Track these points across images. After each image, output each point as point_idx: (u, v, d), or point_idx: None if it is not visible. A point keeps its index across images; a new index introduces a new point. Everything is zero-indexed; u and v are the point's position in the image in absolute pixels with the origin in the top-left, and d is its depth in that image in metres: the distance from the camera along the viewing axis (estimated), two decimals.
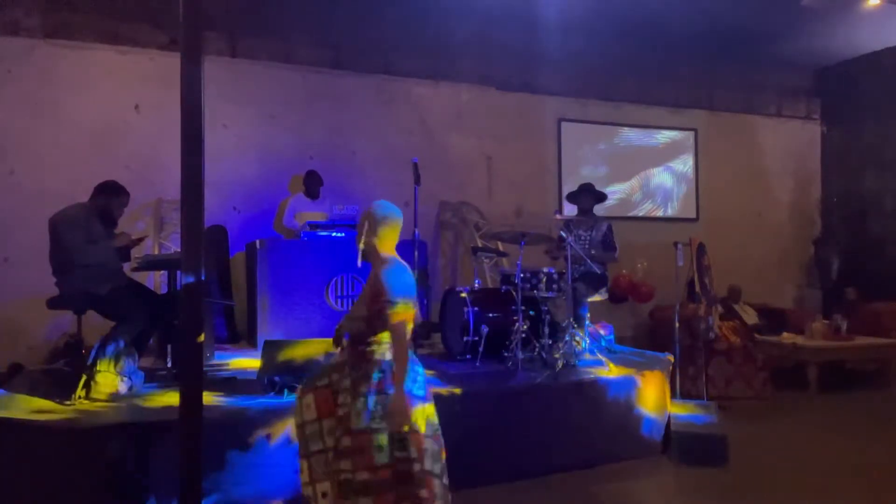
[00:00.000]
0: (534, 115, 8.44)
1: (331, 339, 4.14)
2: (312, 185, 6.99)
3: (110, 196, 4.61)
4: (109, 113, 6.62)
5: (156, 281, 6.34)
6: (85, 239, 4.41)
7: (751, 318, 7.97)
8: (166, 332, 4.87)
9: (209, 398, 3.70)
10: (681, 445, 4.74)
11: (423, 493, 2.68)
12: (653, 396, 4.87)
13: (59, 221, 4.46)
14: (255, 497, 3.63)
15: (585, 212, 6.22)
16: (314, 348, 4.10)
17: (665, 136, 9.21)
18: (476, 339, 5.22)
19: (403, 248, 3.36)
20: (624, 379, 4.80)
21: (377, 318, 2.78)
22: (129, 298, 4.55)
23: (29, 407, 3.88)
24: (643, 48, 8.26)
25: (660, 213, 9.14)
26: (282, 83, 7.29)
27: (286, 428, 3.68)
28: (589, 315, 5.73)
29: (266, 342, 4.36)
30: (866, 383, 7.31)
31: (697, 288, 5.92)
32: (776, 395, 6.66)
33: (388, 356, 2.79)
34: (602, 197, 6.38)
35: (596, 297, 5.99)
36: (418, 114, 7.88)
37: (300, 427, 2.91)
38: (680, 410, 5.10)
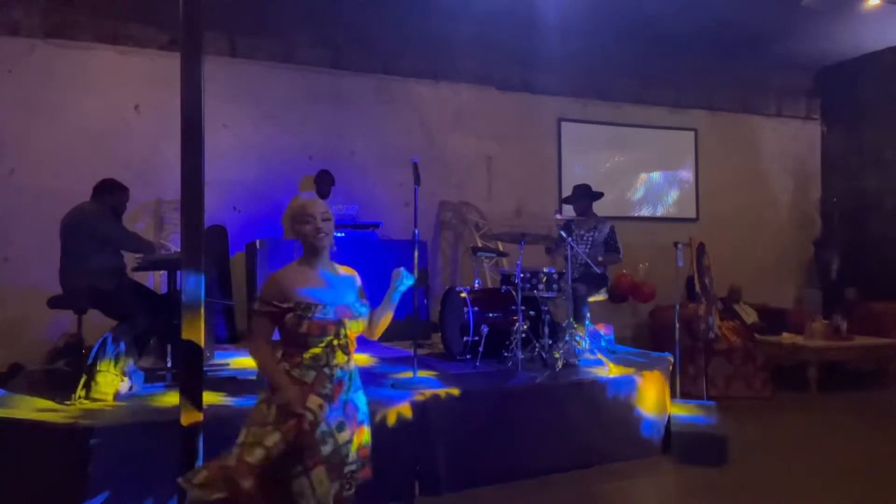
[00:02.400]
0: (534, 115, 8.44)
1: None
2: (324, 184, 7.01)
3: (114, 194, 4.65)
4: (109, 113, 6.62)
5: (156, 281, 6.34)
6: (123, 233, 4.52)
7: (750, 317, 7.97)
8: (166, 332, 4.87)
9: (209, 398, 3.70)
10: (681, 445, 4.74)
11: None
12: (653, 396, 4.88)
13: (88, 217, 4.49)
14: None
15: (584, 212, 6.20)
16: None
17: (665, 136, 9.21)
18: (476, 339, 5.22)
19: (403, 248, 3.35)
20: (624, 379, 4.80)
21: None
22: (132, 298, 4.56)
23: (29, 407, 3.88)
24: (643, 48, 8.26)
25: (660, 214, 9.14)
26: (282, 83, 7.29)
27: None
28: (589, 315, 5.74)
29: None
30: (866, 383, 7.31)
31: (697, 288, 5.92)
32: (776, 395, 6.66)
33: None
34: (597, 196, 6.32)
35: (598, 297, 5.99)
36: (418, 114, 7.88)
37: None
38: (680, 410, 5.10)
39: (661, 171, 9.20)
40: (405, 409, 4.03)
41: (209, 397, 3.73)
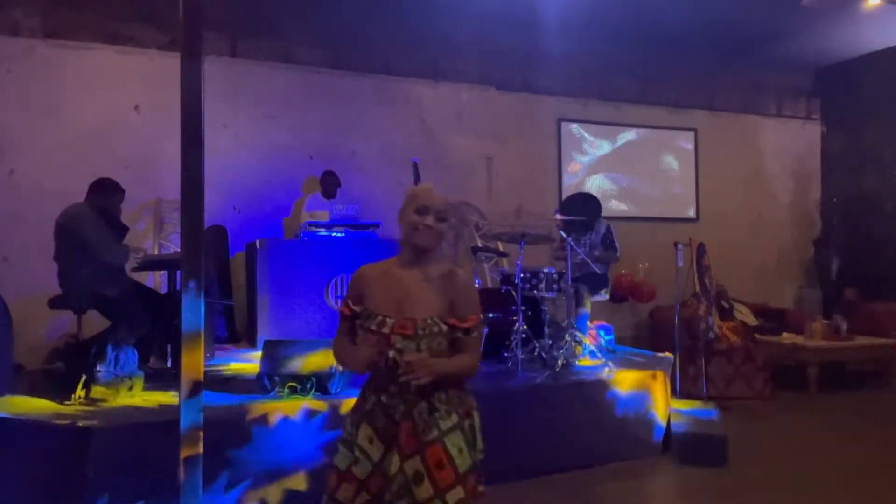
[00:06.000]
0: (534, 115, 8.43)
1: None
2: (329, 185, 7.01)
3: (109, 194, 4.63)
4: (109, 113, 6.62)
5: (156, 281, 6.34)
6: (102, 238, 4.44)
7: (747, 318, 7.94)
8: (166, 332, 4.87)
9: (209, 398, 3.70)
10: (681, 445, 4.74)
11: None
12: (653, 396, 4.87)
13: (74, 220, 4.46)
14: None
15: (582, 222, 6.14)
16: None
17: (665, 136, 9.20)
18: None
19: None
20: (624, 379, 4.80)
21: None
22: (135, 301, 4.56)
23: (29, 407, 3.88)
24: (643, 48, 8.26)
25: (660, 214, 9.13)
26: (282, 83, 7.29)
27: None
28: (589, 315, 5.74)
29: (266, 342, 4.36)
30: (866, 383, 7.31)
31: (697, 288, 5.92)
32: (776, 395, 6.66)
33: None
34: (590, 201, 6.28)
35: (599, 298, 6.00)
36: (418, 114, 7.87)
37: None
38: (680, 410, 5.10)
39: (661, 170, 9.20)
40: None
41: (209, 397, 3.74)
